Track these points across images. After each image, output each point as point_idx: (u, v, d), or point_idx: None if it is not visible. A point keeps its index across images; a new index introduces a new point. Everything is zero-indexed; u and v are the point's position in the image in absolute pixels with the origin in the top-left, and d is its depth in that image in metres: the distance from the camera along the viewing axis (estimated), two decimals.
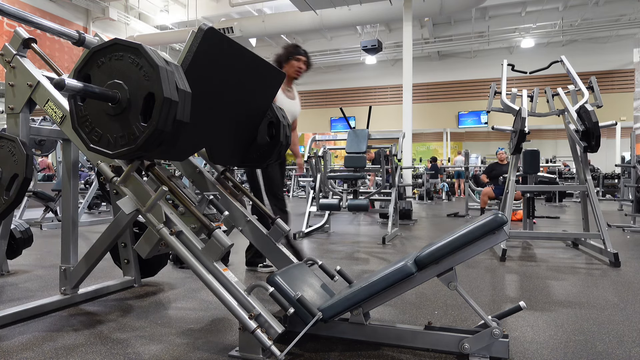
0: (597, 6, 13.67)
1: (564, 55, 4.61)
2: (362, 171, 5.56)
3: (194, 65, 1.70)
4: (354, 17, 12.35)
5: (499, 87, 4.59)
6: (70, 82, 1.45)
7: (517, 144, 4.08)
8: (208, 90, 1.83)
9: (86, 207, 6.51)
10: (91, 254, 2.22)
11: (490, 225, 1.63)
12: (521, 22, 14.70)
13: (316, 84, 19.32)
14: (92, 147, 1.66)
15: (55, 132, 2.41)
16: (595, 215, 3.79)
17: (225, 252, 1.73)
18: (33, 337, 1.91)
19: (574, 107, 3.99)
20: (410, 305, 2.40)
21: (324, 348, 1.79)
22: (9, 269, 3.15)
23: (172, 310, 2.32)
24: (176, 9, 14.87)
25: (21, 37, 2.13)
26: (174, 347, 1.80)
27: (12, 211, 2.08)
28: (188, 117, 1.62)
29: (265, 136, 2.33)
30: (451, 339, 1.69)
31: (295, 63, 3.30)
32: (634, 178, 6.51)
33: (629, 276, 3.14)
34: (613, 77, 15.58)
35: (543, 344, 1.85)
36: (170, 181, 1.87)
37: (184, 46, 1.69)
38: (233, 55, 1.88)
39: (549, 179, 7.12)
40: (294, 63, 3.30)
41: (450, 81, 17.74)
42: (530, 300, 2.53)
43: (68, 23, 13.25)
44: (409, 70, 10.22)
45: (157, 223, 1.73)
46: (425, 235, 5.48)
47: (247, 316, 1.61)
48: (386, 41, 15.07)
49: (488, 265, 3.54)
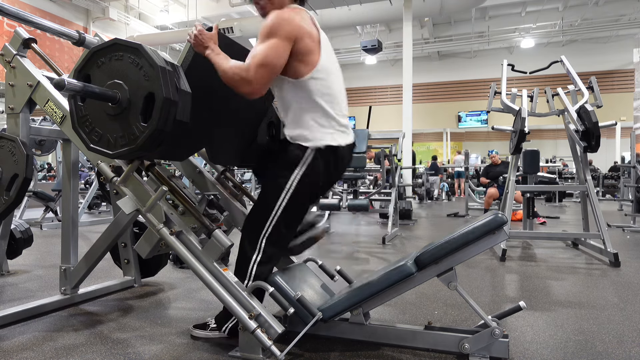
0: (597, 6, 13.68)
1: (564, 55, 4.61)
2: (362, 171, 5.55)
3: (194, 65, 1.70)
4: (354, 17, 12.34)
5: (499, 87, 4.59)
6: (71, 82, 1.45)
7: (517, 144, 4.08)
8: (208, 90, 1.83)
9: (86, 207, 6.50)
10: (91, 254, 2.22)
11: (490, 225, 1.63)
12: (521, 22, 14.71)
13: None
14: (92, 147, 1.66)
15: (55, 132, 2.40)
16: (595, 215, 3.79)
17: (225, 252, 1.73)
18: (33, 337, 1.91)
19: (574, 107, 3.99)
20: (410, 305, 2.40)
21: (324, 348, 1.79)
22: (9, 269, 3.15)
23: (172, 310, 2.32)
24: (176, 9, 14.87)
25: (21, 37, 2.13)
26: (174, 347, 1.80)
27: (12, 211, 2.08)
28: (188, 117, 1.62)
29: (265, 136, 2.33)
30: (451, 339, 1.69)
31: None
32: (634, 178, 6.51)
33: (629, 276, 3.14)
34: (613, 77, 15.59)
35: (543, 344, 1.85)
36: (170, 181, 1.87)
37: (184, 46, 1.69)
38: (233, 55, 1.87)
39: (548, 179, 7.13)
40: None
41: (450, 81, 17.75)
42: (530, 300, 2.53)
43: (68, 23, 13.25)
44: (409, 70, 10.22)
45: (157, 223, 1.73)
46: (425, 235, 5.48)
47: (247, 316, 1.61)
48: (386, 41, 15.07)
49: (488, 265, 3.54)
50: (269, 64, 1.51)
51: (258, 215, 1.76)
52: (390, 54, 17.02)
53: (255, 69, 1.50)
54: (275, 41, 1.52)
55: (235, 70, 1.54)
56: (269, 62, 1.51)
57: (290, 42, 1.54)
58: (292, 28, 1.53)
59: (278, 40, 1.51)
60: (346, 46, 16.68)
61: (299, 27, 1.56)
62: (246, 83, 1.52)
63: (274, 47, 1.51)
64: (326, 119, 1.70)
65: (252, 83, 1.51)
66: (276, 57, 1.52)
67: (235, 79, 1.54)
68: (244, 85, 1.54)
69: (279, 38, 1.51)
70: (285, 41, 1.52)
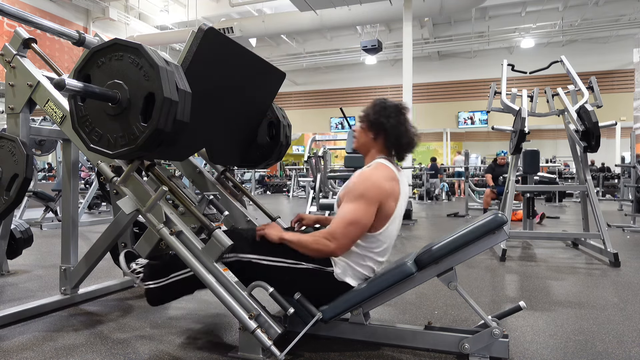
0: (597, 6, 13.66)
1: (564, 55, 4.61)
2: None
3: (194, 65, 1.70)
4: (354, 17, 12.33)
5: (499, 87, 4.59)
6: (71, 82, 1.45)
7: (517, 144, 4.08)
8: (208, 90, 1.83)
9: (86, 207, 6.50)
10: (91, 254, 2.22)
11: (490, 225, 1.64)
12: (521, 22, 14.69)
13: (316, 84, 19.31)
14: (92, 147, 1.66)
15: (55, 132, 2.40)
16: (595, 215, 3.79)
17: (225, 252, 1.73)
18: (33, 337, 1.91)
19: (574, 107, 3.99)
20: (410, 305, 2.40)
21: (324, 348, 1.79)
22: (9, 269, 3.15)
23: (172, 310, 2.32)
24: (176, 9, 14.86)
25: (21, 37, 2.13)
26: (174, 347, 1.80)
27: (12, 211, 2.08)
28: (188, 117, 1.62)
29: (266, 136, 2.33)
30: (451, 339, 1.69)
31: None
32: (634, 178, 6.51)
33: (629, 276, 3.14)
34: (613, 77, 15.57)
35: (543, 344, 1.85)
36: (170, 181, 1.87)
37: (184, 46, 1.69)
38: (233, 55, 1.87)
39: (549, 179, 7.13)
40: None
41: (450, 81, 17.72)
42: (530, 300, 2.53)
43: (68, 23, 13.24)
44: (409, 70, 10.21)
45: (157, 223, 1.73)
46: (425, 235, 5.48)
47: (247, 316, 1.61)
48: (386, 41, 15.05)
49: (488, 265, 3.54)
50: (359, 222, 1.61)
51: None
52: (390, 54, 17.00)
53: (345, 227, 1.61)
54: (364, 204, 1.62)
55: (317, 238, 1.64)
56: (358, 221, 1.61)
57: (376, 205, 1.64)
58: (380, 192, 1.64)
59: (366, 203, 1.62)
60: (346, 46, 16.66)
61: (385, 192, 1.66)
62: (333, 240, 1.62)
63: (364, 209, 1.62)
64: (369, 267, 1.77)
65: (339, 240, 1.61)
66: (365, 217, 1.63)
67: (320, 243, 1.64)
68: (329, 245, 1.63)
69: (367, 201, 1.62)
70: (373, 205, 1.63)
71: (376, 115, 1.78)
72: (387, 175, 1.71)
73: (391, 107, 1.78)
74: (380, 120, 1.77)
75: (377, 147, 1.81)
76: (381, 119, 1.76)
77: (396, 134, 1.77)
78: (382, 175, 1.71)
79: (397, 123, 1.76)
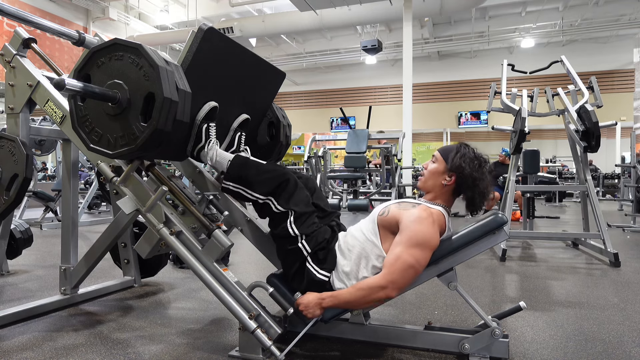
0: (597, 6, 13.66)
1: (564, 55, 4.61)
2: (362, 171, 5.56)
3: (194, 65, 1.70)
4: (354, 17, 12.33)
5: (499, 87, 4.58)
6: (70, 82, 1.45)
7: (517, 144, 4.08)
8: (208, 90, 1.83)
9: (86, 207, 6.50)
10: (91, 254, 2.22)
11: (490, 226, 1.64)
12: (521, 22, 14.68)
13: (316, 84, 19.30)
14: (92, 147, 1.66)
15: (55, 132, 2.40)
16: (595, 215, 3.79)
17: (225, 252, 1.73)
18: (33, 337, 1.91)
19: (574, 107, 3.99)
20: (410, 305, 2.40)
21: (323, 348, 1.79)
22: (9, 269, 3.15)
23: (172, 310, 2.32)
24: (176, 9, 14.85)
25: (21, 37, 2.13)
26: (174, 347, 1.80)
27: (12, 211, 2.08)
28: (188, 117, 1.62)
29: (265, 136, 2.33)
30: (451, 339, 1.69)
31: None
32: (634, 178, 6.51)
33: (629, 276, 3.14)
34: (613, 77, 15.56)
35: (543, 344, 1.85)
36: (170, 181, 1.87)
37: (184, 46, 1.69)
38: (233, 55, 1.87)
39: (549, 179, 7.13)
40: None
41: (450, 81, 17.72)
42: (530, 300, 2.53)
43: (68, 23, 13.23)
44: (409, 70, 10.21)
45: (157, 223, 1.73)
46: None
47: (247, 316, 1.61)
48: (386, 41, 15.05)
49: (488, 265, 3.54)
50: (415, 268, 1.61)
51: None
52: (390, 54, 17.00)
53: (405, 269, 1.60)
54: (422, 251, 1.62)
55: (371, 284, 1.61)
56: (415, 267, 1.61)
57: (431, 252, 1.65)
58: (436, 242, 1.65)
59: (423, 250, 1.62)
60: (346, 46, 16.65)
61: (438, 240, 1.66)
62: (394, 290, 1.60)
63: (425, 257, 1.63)
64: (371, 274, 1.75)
65: (396, 282, 1.60)
66: (425, 263, 1.64)
67: (374, 290, 1.60)
68: (390, 294, 1.61)
69: (424, 249, 1.62)
70: (429, 252, 1.64)
71: (460, 162, 1.71)
72: (444, 221, 1.71)
73: (476, 159, 1.73)
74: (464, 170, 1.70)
75: (446, 192, 1.76)
76: (467, 169, 1.70)
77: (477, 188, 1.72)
78: (438, 223, 1.68)
79: (480, 176, 1.71)
